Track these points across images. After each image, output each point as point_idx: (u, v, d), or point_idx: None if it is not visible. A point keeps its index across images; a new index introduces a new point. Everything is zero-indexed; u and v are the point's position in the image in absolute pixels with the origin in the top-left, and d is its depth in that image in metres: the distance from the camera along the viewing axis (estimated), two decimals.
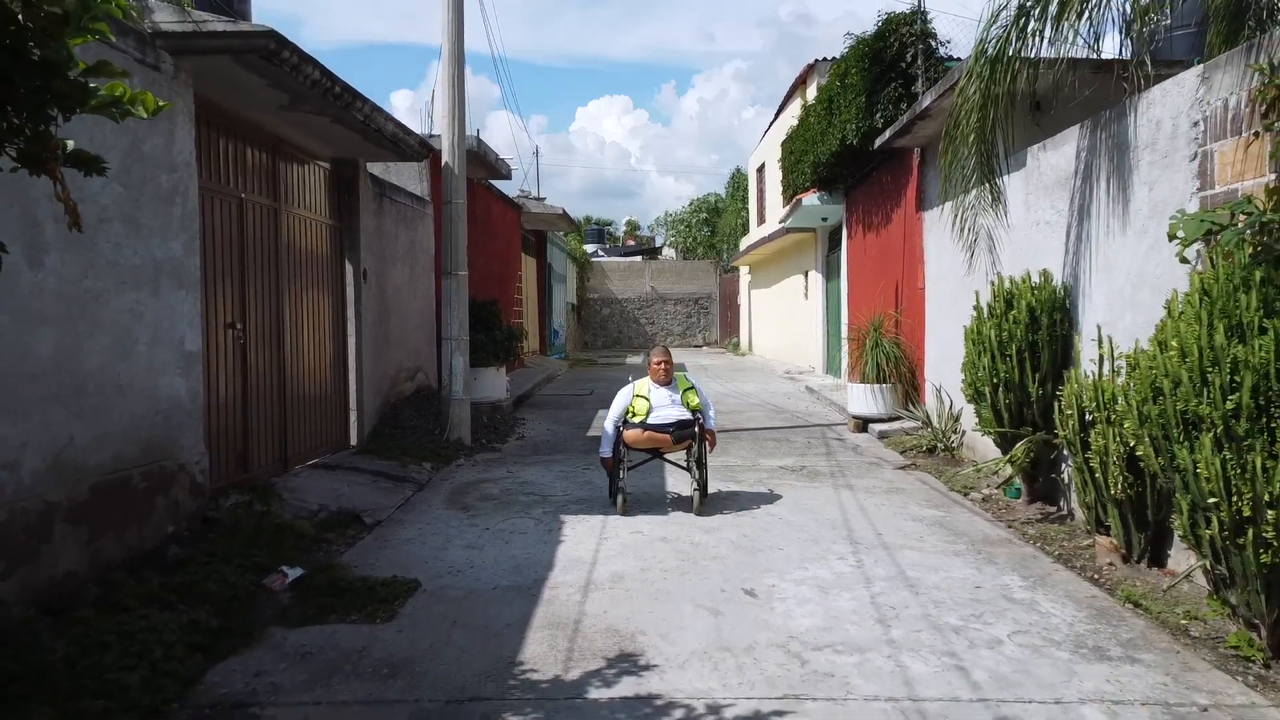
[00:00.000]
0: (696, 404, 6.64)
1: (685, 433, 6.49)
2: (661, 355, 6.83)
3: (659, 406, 6.55)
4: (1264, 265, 3.76)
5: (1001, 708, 3.40)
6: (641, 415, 6.53)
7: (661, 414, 6.51)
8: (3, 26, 2.25)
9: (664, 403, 6.57)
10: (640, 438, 6.49)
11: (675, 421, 6.50)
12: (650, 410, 6.53)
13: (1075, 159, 6.04)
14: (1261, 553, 3.57)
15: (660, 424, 6.48)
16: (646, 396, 6.60)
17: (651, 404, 6.56)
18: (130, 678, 3.53)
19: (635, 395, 6.63)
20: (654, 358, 6.84)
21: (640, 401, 6.58)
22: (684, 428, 6.49)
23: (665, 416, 6.51)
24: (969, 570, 5.11)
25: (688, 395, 6.66)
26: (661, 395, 6.61)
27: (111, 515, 4.69)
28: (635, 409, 6.57)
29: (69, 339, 4.41)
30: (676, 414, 6.53)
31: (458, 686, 3.65)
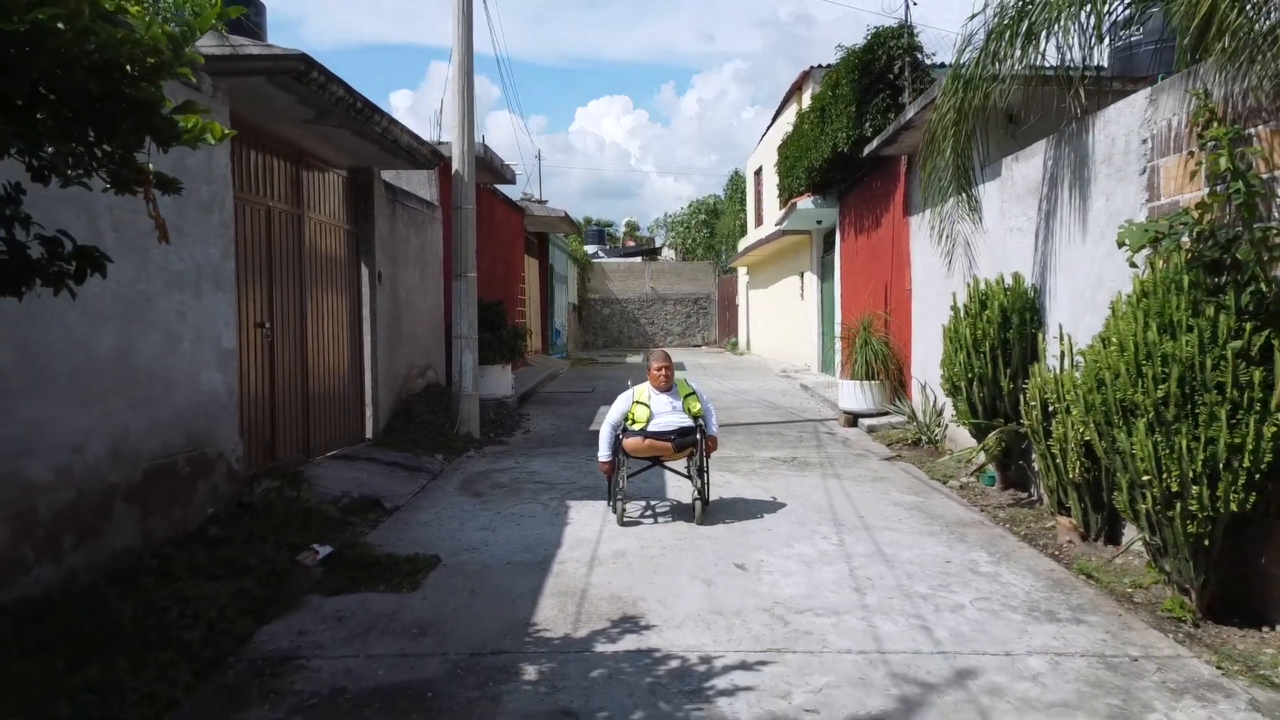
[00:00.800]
0: (698, 410, 6.42)
1: (687, 440, 6.29)
2: (662, 360, 6.54)
3: (660, 413, 6.33)
4: (1194, 270, 4.25)
5: (957, 659, 3.88)
6: (642, 422, 6.31)
7: (663, 421, 6.31)
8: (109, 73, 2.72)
9: (665, 409, 6.36)
10: (641, 446, 6.29)
11: (677, 429, 6.29)
12: (651, 417, 6.31)
13: (1043, 170, 6.53)
14: (1188, 524, 4.05)
15: (661, 431, 6.27)
16: (647, 403, 6.38)
17: (652, 410, 6.34)
18: (191, 634, 4.01)
19: (635, 401, 6.40)
20: (654, 363, 6.58)
21: (640, 408, 6.36)
22: (685, 435, 6.29)
23: (666, 424, 6.30)
24: (941, 548, 5.60)
25: (689, 401, 6.44)
26: (662, 401, 6.39)
27: (160, 497, 5.17)
28: (635, 416, 6.35)
29: (125, 337, 4.89)
30: (678, 421, 6.33)
31: (480, 643, 4.13)
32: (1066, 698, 3.51)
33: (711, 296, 35.48)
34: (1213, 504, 3.95)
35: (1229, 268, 4.18)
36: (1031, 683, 3.65)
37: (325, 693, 3.63)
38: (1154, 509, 4.18)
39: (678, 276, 36.04)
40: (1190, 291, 4.16)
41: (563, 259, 28.54)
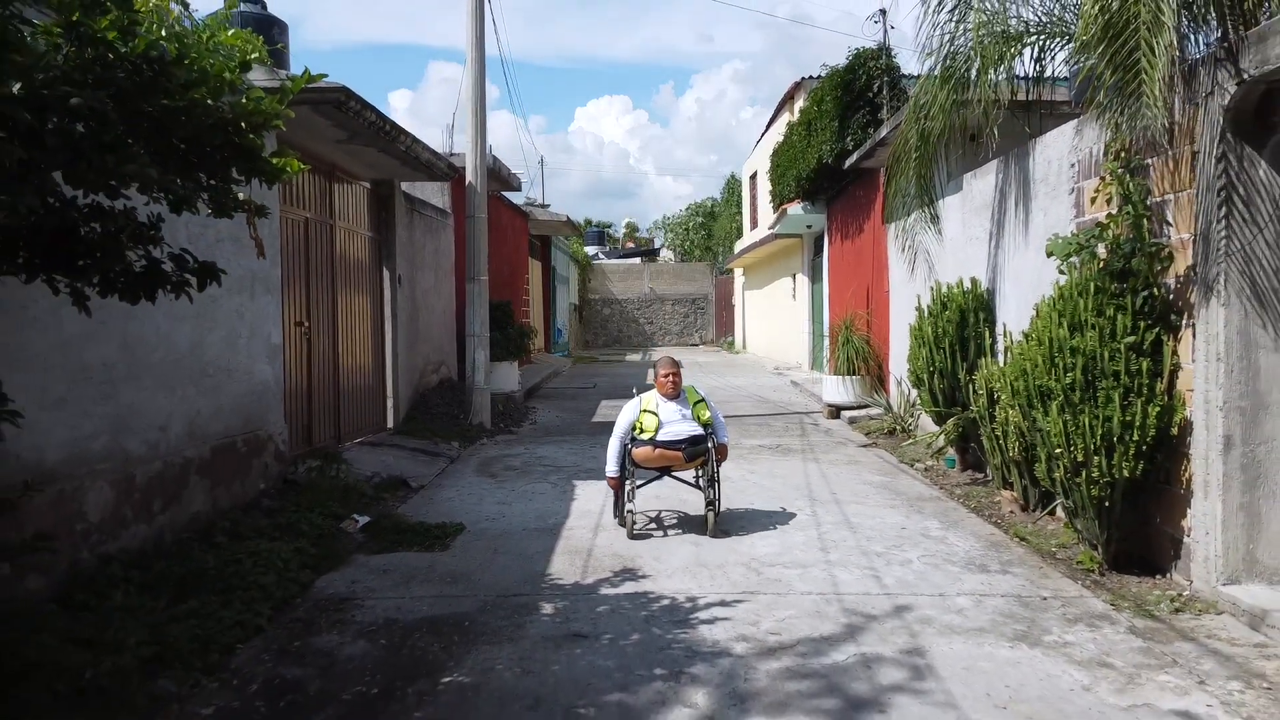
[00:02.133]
0: (708, 418, 6.23)
1: (698, 449, 6.08)
2: (669, 367, 6.34)
3: (669, 422, 6.11)
4: (1101, 277, 5.08)
5: (898, 598, 4.72)
6: (651, 432, 6.08)
7: (672, 430, 6.09)
8: (225, 129, 3.54)
9: (674, 418, 6.14)
10: (651, 456, 6.07)
11: (688, 438, 6.09)
12: (660, 426, 6.09)
13: (995, 186, 7.36)
14: (1092, 488, 4.88)
15: (672, 440, 6.05)
16: (655, 412, 6.15)
17: (661, 419, 6.11)
18: (266, 579, 4.84)
19: (643, 410, 6.19)
20: (661, 370, 6.34)
21: (649, 417, 6.14)
22: (696, 444, 6.08)
23: (676, 433, 6.08)
24: (899, 518, 6.43)
25: (698, 409, 6.25)
26: (671, 410, 6.18)
27: (224, 471, 6.00)
28: (644, 425, 6.12)
29: (197, 334, 5.71)
30: (688, 429, 6.12)
31: (504, 588, 4.96)
32: (982, 625, 4.34)
33: (709, 297, 36.31)
34: (1110, 471, 4.78)
35: (1129, 275, 5.01)
36: (956, 615, 4.48)
37: (381, 622, 4.46)
38: (1065, 476, 5.01)
39: (676, 277, 36.88)
40: (1096, 296, 4.99)
41: (564, 260, 29.37)
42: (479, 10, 10.13)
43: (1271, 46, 4.05)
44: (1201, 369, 4.62)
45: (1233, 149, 4.45)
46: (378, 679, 3.80)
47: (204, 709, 3.54)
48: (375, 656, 4.04)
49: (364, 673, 3.86)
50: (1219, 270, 4.49)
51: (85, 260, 3.47)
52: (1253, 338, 4.47)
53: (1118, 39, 4.35)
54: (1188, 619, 4.39)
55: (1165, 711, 3.44)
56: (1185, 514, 4.79)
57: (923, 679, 3.75)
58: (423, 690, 3.69)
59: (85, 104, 2.86)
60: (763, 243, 20.68)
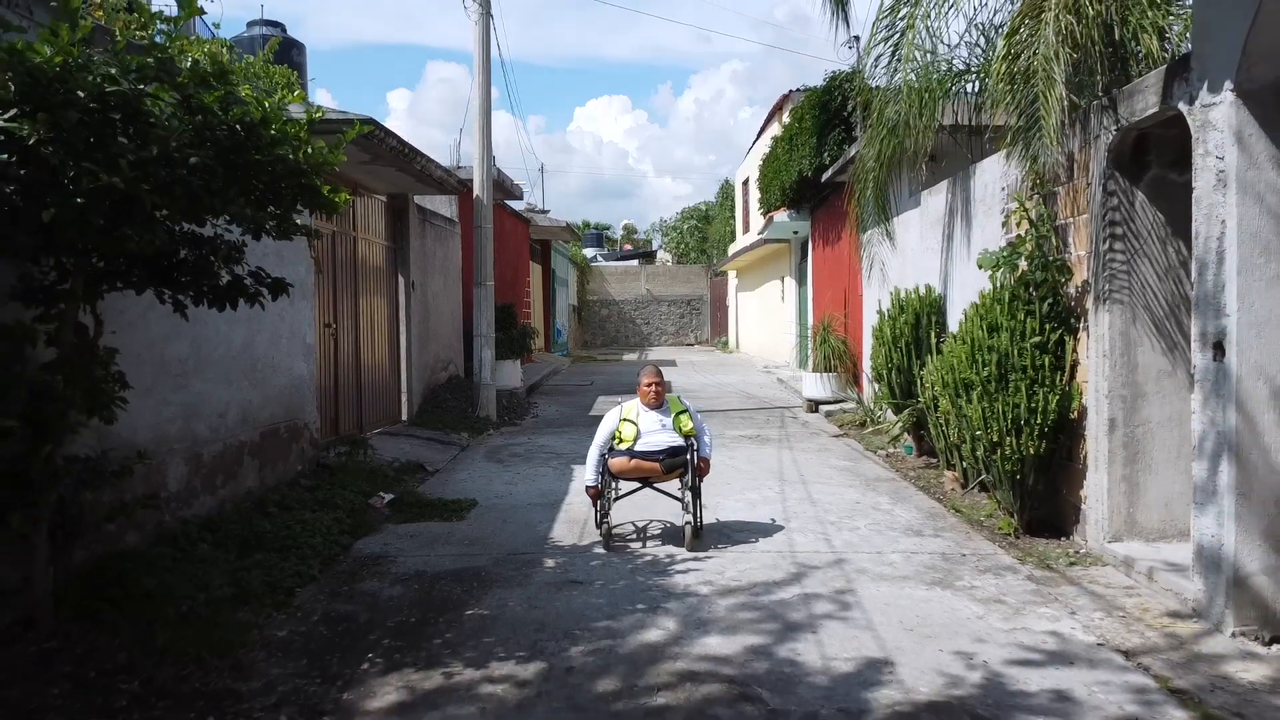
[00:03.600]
0: (690, 429, 6.06)
1: (676, 461, 5.92)
2: (652, 376, 6.20)
3: (648, 432, 6.00)
4: (1018, 286, 6.02)
5: (841, 555, 5.66)
6: (629, 441, 5.97)
7: (651, 440, 5.97)
8: (295, 174, 4.46)
9: (654, 428, 6.02)
10: (627, 466, 5.95)
11: (666, 448, 5.94)
12: (638, 436, 5.97)
13: (946, 204, 8.30)
14: (1006, 464, 5.82)
15: (649, 451, 5.93)
16: (635, 421, 6.04)
17: (640, 429, 5.99)
18: (314, 540, 5.78)
19: (622, 419, 6.07)
20: (643, 379, 6.20)
21: (628, 426, 6.02)
22: (675, 455, 5.93)
23: (655, 443, 5.96)
24: (855, 494, 7.38)
25: (680, 419, 6.09)
26: (651, 420, 6.05)
27: (270, 454, 6.94)
28: (622, 434, 6.00)
29: (249, 335, 6.65)
30: (667, 440, 5.98)
31: (513, 548, 5.90)
32: (907, 574, 5.28)
33: (704, 298, 37.26)
34: (1020, 449, 5.73)
35: (1038, 285, 5.96)
36: (887, 567, 5.42)
37: (412, 573, 5.40)
38: (985, 455, 5.96)
39: (672, 279, 37.83)
40: (1011, 303, 5.93)
41: (564, 263, 30.32)
42: (485, 41, 11.07)
43: (1137, 101, 5.00)
44: (1093, 364, 5.56)
45: (1116, 182, 5.39)
46: (414, 612, 4.74)
47: (279, 632, 4.48)
48: (410, 597, 4.98)
49: (402, 608, 4.80)
50: (1106, 282, 5.43)
51: (184, 277, 4.41)
52: (1132, 338, 5.41)
53: (1020, 91, 5.29)
54: (1078, 570, 5.33)
55: (1038, 632, 4.38)
56: (1082, 485, 5.73)
57: (849, 610, 4.70)
58: (451, 619, 4.63)
59: (201, 161, 3.80)
60: (753, 247, 21.62)
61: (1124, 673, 3.91)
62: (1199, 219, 4.41)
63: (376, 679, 3.91)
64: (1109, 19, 5.49)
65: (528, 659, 4.11)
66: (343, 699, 3.73)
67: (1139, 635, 4.32)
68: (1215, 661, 4.01)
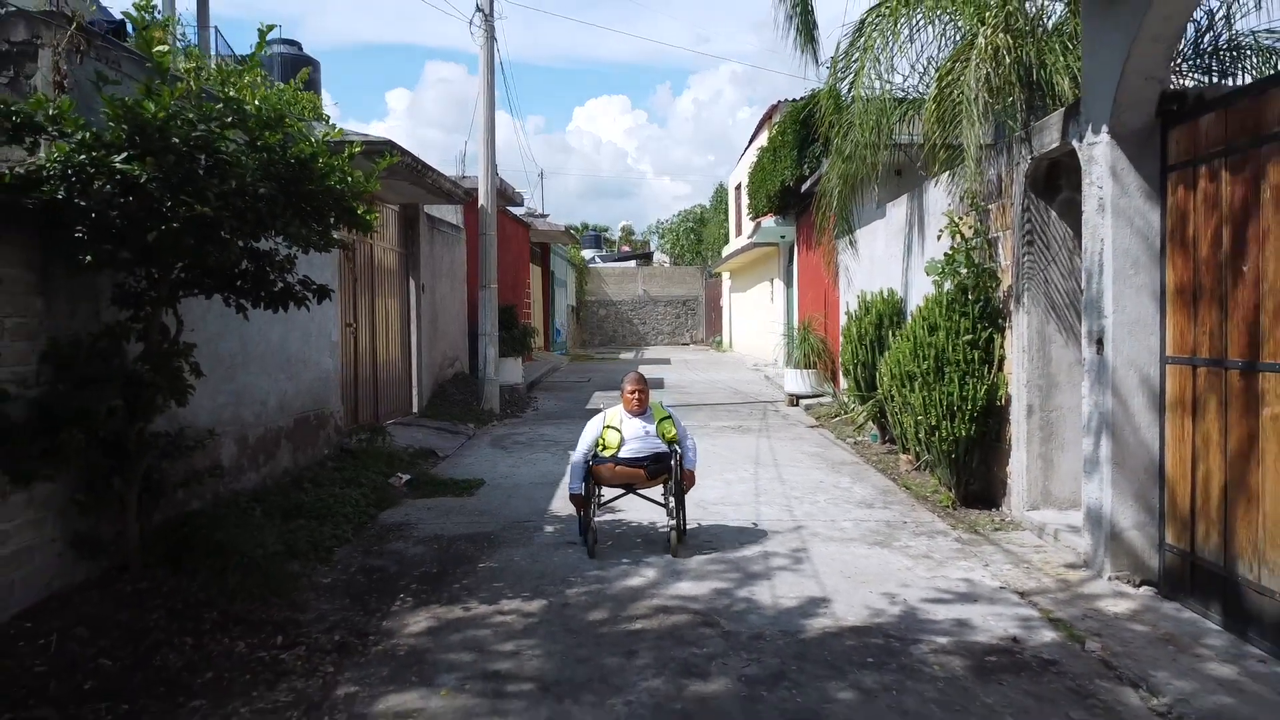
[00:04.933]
0: (673, 435, 6.10)
1: (661, 467, 5.97)
2: (635, 384, 6.19)
3: (631, 439, 6.01)
4: (956, 290, 6.94)
5: (801, 522, 6.57)
6: (612, 448, 5.98)
7: (634, 447, 5.98)
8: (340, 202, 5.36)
9: (637, 434, 6.03)
10: (611, 473, 5.98)
11: (650, 455, 5.96)
12: (622, 443, 5.99)
13: (905, 216, 9.21)
14: (943, 444, 6.74)
15: (633, 458, 5.95)
16: (618, 428, 6.05)
17: (623, 436, 6.01)
18: (345, 510, 6.69)
19: (606, 426, 6.08)
20: (626, 386, 6.21)
21: (611, 433, 6.03)
22: (659, 461, 5.97)
23: (638, 450, 5.97)
24: (821, 475, 8.30)
25: (663, 426, 6.11)
26: (634, 426, 6.06)
27: (302, 438, 7.85)
28: (606, 441, 6.02)
29: (284, 333, 7.55)
30: (650, 446, 6.00)
31: (517, 518, 6.82)
32: (854, 537, 6.20)
33: (699, 299, 38.18)
34: (954, 431, 6.64)
35: (972, 290, 6.88)
36: (838, 532, 6.34)
37: (431, 537, 6.31)
38: (926, 436, 6.88)
39: (668, 280, 38.75)
40: (949, 305, 6.85)
41: (563, 265, 31.23)
42: (489, 63, 11.99)
43: (1045, 136, 5.92)
44: (1014, 358, 6.48)
45: (1032, 201, 6.31)
46: (435, 565, 5.65)
47: (324, 580, 5.39)
48: (431, 554, 5.89)
49: (425, 562, 5.72)
50: (1024, 288, 6.36)
51: (245, 284, 5.32)
52: (1047, 335, 6.33)
53: (947, 128, 6.21)
54: (1000, 534, 6.25)
55: (954, 579, 5.30)
56: (1008, 463, 6.65)
57: (800, 564, 5.61)
58: (465, 570, 5.54)
59: (269, 192, 4.71)
60: (744, 250, 22.53)
61: (1016, 607, 4.83)
62: (1086, 236, 5.33)
63: (408, 612, 4.83)
64: (1029, 62, 6.41)
65: (531, 598, 5.03)
66: (383, 625, 4.64)
67: (1036, 580, 5.24)
68: (1092, 599, 4.92)
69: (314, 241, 5.37)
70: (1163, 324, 4.98)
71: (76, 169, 4.20)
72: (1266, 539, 4.12)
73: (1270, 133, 4.09)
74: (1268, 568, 4.11)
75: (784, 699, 3.75)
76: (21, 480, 4.29)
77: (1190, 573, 4.73)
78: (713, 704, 3.71)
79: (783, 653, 4.23)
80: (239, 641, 4.37)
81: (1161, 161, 4.97)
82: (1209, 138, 4.56)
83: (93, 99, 4.78)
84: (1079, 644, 4.30)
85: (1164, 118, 4.94)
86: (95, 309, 4.94)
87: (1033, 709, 3.63)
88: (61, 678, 3.83)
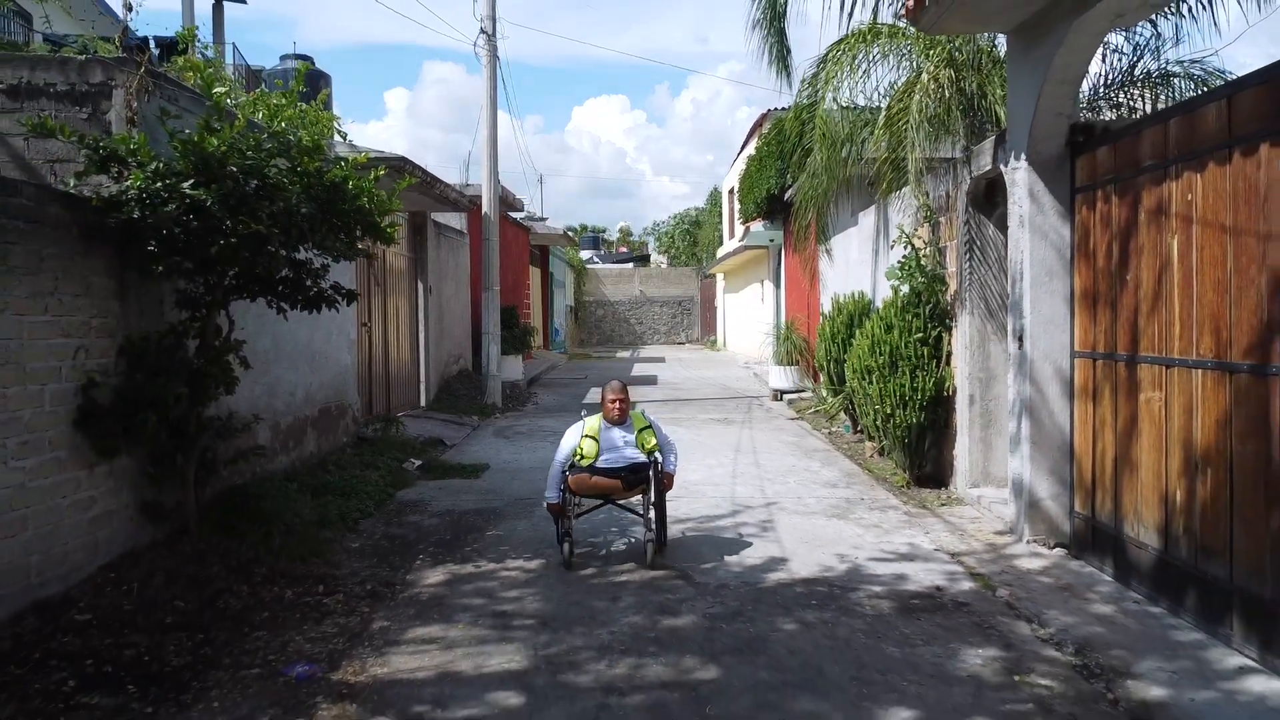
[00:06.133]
0: (653, 445, 5.95)
1: (639, 477, 5.81)
2: (616, 393, 6.10)
3: (609, 449, 5.89)
4: (908, 295, 7.79)
5: (771, 500, 7.42)
6: (590, 458, 5.84)
7: (611, 457, 5.87)
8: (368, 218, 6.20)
9: (615, 444, 5.92)
10: (587, 484, 5.83)
11: (627, 465, 5.83)
12: (599, 453, 5.86)
13: (874, 225, 10.06)
14: (897, 430, 7.59)
15: (609, 468, 5.82)
16: (596, 437, 5.92)
17: (601, 446, 5.89)
18: (367, 488, 7.55)
19: (584, 435, 5.94)
20: (608, 395, 6.11)
21: (589, 443, 5.89)
22: (637, 472, 5.81)
23: (616, 460, 5.86)
24: (794, 461, 9.15)
25: (643, 436, 5.97)
26: (613, 436, 5.95)
27: (325, 427, 8.69)
28: (583, 450, 5.88)
29: (310, 331, 8.39)
30: (629, 457, 5.87)
31: (520, 496, 7.67)
32: (816, 511, 7.05)
33: (694, 299, 39.04)
34: (906, 419, 7.50)
35: (924, 293, 7.73)
36: (802, 507, 7.19)
37: (444, 511, 7.16)
38: (883, 424, 7.73)
39: (664, 281, 39.62)
40: (903, 308, 7.71)
41: (561, 267, 32.08)
42: (492, 82, 12.85)
43: (981, 159, 6.77)
44: (959, 353, 7.34)
45: (973, 215, 7.16)
46: (448, 533, 6.50)
47: (353, 544, 6.24)
48: (444, 525, 6.74)
49: (439, 531, 6.56)
50: (967, 292, 7.20)
51: (285, 289, 6.16)
52: (986, 334, 7.18)
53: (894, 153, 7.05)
54: (945, 509, 7.10)
55: (897, 543, 6.14)
56: (955, 446, 7.50)
57: (767, 532, 6.46)
58: (475, 537, 6.39)
59: (309, 211, 5.55)
60: (736, 252, 23.37)
61: (945, 565, 5.68)
62: (1011, 247, 6.18)
63: (427, 569, 5.68)
64: (972, 93, 7.26)
65: (532, 558, 5.88)
66: (406, 578, 5.50)
67: (967, 545, 6.10)
68: (1011, 559, 5.77)
69: (343, 252, 6.21)
70: (1072, 323, 5.83)
71: (152, 194, 5.04)
72: (1142, 501, 4.97)
73: (1144, 165, 4.95)
74: (1144, 525, 4.96)
75: (738, 629, 4.60)
76: (106, 454, 5.14)
77: (1092, 534, 5.58)
78: (680, 633, 4.56)
79: (742, 598, 5.08)
80: (287, 590, 5.23)
81: (1071, 184, 5.82)
82: (1103, 167, 5.42)
83: (156, 130, 5.64)
84: (990, 591, 5.15)
85: (1073, 147, 5.79)
86: (160, 311, 5.78)
87: (940, 636, 4.48)
88: (146, 614, 4.68)
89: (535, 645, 4.40)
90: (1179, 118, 4.66)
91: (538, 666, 4.16)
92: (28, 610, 4.50)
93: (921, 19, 5.89)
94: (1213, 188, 4.32)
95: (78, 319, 5.02)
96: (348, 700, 3.83)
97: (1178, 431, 4.63)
